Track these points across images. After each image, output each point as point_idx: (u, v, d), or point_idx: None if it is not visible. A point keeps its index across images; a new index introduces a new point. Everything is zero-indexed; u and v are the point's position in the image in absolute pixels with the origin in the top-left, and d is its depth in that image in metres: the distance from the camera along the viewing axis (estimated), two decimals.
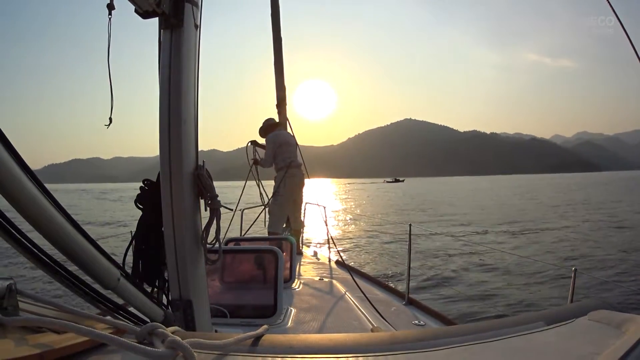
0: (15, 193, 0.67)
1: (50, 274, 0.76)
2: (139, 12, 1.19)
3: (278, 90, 5.34)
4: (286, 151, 4.69)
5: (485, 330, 0.68)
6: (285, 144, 4.75)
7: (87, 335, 0.63)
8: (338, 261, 5.07)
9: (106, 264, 0.89)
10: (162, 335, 0.63)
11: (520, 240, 12.51)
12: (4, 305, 0.74)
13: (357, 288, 3.19)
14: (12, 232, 0.66)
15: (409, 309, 3.33)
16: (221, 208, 1.37)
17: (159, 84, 1.31)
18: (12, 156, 0.66)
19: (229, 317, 2.16)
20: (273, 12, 5.13)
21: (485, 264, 9.02)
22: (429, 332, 0.69)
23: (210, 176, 1.35)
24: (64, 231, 0.78)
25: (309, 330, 2.22)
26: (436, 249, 10.99)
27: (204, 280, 1.36)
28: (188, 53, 1.30)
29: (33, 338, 0.66)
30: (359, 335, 0.69)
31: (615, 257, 9.49)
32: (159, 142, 1.29)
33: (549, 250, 10.74)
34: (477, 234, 14.25)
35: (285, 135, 4.90)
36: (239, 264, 2.77)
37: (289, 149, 4.73)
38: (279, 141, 4.71)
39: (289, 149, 4.74)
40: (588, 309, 0.72)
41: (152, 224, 1.37)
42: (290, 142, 4.82)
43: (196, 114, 1.35)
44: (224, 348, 0.64)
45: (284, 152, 4.68)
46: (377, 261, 10.21)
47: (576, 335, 0.65)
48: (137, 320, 0.99)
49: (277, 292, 2.32)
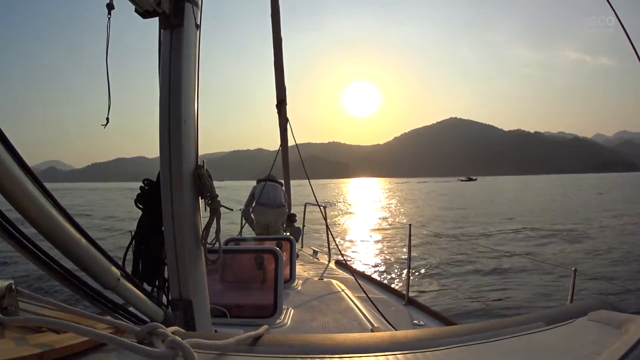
0: (15, 193, 0.67)
1: (50, 273, 0.76)
2: (139, 12, 1.19)
3: (278, 90, 5.32)
4: (258, 193, 5.16)
5: (485, 330, 0.68)
6: (259, 187, 5.22)
7: (87, 335, 0.63)
8: (338, 261, 5.06)
9: (106, 264, 0.89)
10: (162, 335, 0.63)
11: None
12: (4, 305, 0.74)
13: (357, 288, 3.19)
14: (12, 232, 0.66)
15: (409, 309, 3.33)
16: (221, 208, 1.37)
17: (159, 84, 1.30)
18: (12, 156, 0.66)
19: (229, 317, 2.15)
20: (273, 12, 5.11)
21: (485, 264, 9.02)
22: (429, 332, 0.69)
23: (210, 176, 1.35)
24: (63, 231, 0.78)
25: (309, 330, 2.22)
26: (436, 249, 10.99)
27: (204, 280, 1.36)
28: (188, 53, 1.30)
29: (33, 338, 0.66)
30: (359, 335, 0.69)
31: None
32: (159, 142, 1.29)
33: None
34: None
35: (263, 185, 5.28)
36: (239, 263, 2.77)
37: (261, 191, 5.15)
38: (253, 191, 5.29)
39: (262, 190, 5.14)
40: (588, 309, 0.72)
41: (152, 224, 1.37)
42: (268, 187, 5.20)
43: (196, 114, 1.35)
44: (224, 348, 0.64)
45: (257, 194, 5.18)
46: (377, 261, 10.22)
47: (576, 335, 0.65)
48: (137, 320, 0.99)
49: (277, 292, 2.32)
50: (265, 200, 5.07)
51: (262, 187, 5.18)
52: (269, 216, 5.12)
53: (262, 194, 5.11)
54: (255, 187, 5.34)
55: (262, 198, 5.10)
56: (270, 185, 5.25)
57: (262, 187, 5.17)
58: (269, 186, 5.23)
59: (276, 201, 5.16)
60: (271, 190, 5.19)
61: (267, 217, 5.12)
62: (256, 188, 5.31)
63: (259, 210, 5.10)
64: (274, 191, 5.23)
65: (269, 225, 5.15)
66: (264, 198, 5.10)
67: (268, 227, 5.16)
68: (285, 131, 5.28)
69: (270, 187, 5.23)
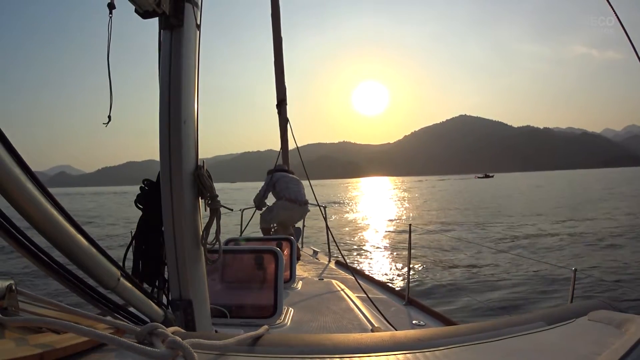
0: (15, 193, 0.67)
1: (51, 274, 0.76)
2: (139, 12, 1.19)
3: (278, 90, 5.32)
4: (283, 187, 4.70)
5: (485, 330, 0.68)
6: (283, 180, 4.75)
7: (87, 335, 0.63)
8: (338, 261, 5.06)
9: (106, 264, 0.89)
10: (162, 335, 0.63)
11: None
12: (4, 306, 0.74)
13: (357, 288, 3.19)
14: (13, 232, 0.66)
15: (409, 309, 3.33)
16: (221, 208, 1.37)
17: (159, 84, 1.31)
18: (12, 156, 0.66)
19: (229, 317, 2.15)
20: (273, 12, 5.12)
21: (485, 263, 9.02)
22: (429, 333, 0.69)
23: (210, 176, 1.35)
24: (63, 231, 0.78)
25: (309, 331, 2.21)
26: (436, 249, 10.99)
27: (204, 281, 1.36)
28: (188, 53, 1.30)
29: (33, 338, 0.66)
30: (359, 336, 0.69)
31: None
32: (159, 142, 1.29)
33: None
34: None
35: (284, 176, 4.86)
36: (239, 264, 2.76)
37: (286, 185, 4.71)
38: (273, 180, 4.76)
39: (287, 185, 4.71)
40: (588, 309, 0.72)
41: (152, 224, 1.37)
42: (289, 180, 4.81)
43: (196, 114, 1.35)
44: (224, 348, 0.64)
45: (281, 187, 4.71)
46: (377, 261, 10.22)
47: (577, 335, 0.65)
48: (137, 321, 0.99)
49: (277, 292, 2.32)
50: (294, 195, 4.62)
51: (287, 180, 4.74)
52: (295, 213, 4.73)
53: (290, 189, 4.68)
54: (273, 177, 4.82)
55: (290, 192, 4.65)
56: (294, 180, 4.84)
57: (287, 181, 4.73)
58: (294, 180, 4.82)
59: (304, 198, 4.75)
60: (297, 185, 4.80)
61: (294, 214, 4.72)
62: (276, 178, 4.79)
63: (286, 205, 4.62)
64: (299, 186, 4.83)
65: (286, 222, 4.77)
66: (292, 193, 4.65)
67: (284, 224, 4.77)
68: (285, 131, 5.27)
69: (295, 181, 4.82)
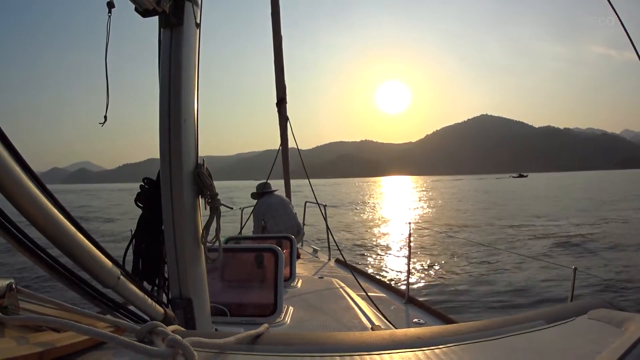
0: (15, 192, 0.67)
1: (50, 272, 0.76)
2: (139, 11, 1.19)
3: (278, 89, 5.31)
4: (272, 224, 4.24)
5: (485, 329, 0.68)
6: (269, 215, 4.27)
7: (87, 333, 0.63)
8: (338, 260, 5.06)
9: (106, 263, 0.89)
10: (162, 334, 0.63)
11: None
12: (4, 304, 0.74)
13: (357, 287, 3.19)
14: (12, 231, 0.66)
15: (409, 308, 3.34)
16: (221, 207, 1.37)
17: (159, 83, 1.30)
18: (12, 156, 0.66)
19: (229, 315, 2.16)
20: (273, 10, 5.11)
21: (485, 262, 9.02)
22: (428, 331, 0.69)
23: (210, 175, 1.35)
24: (63, 230, 0.77)
25: (309, 329, 2.21)
26: (436, 248, 10.99)
27: (204, 279, 1.36)
28: (188, 52, 1.30)
29: (33, 337, 0.66)
30: (359, 334, 0.69)
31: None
32: (159, 141, 1.29)
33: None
34: None
35: (273, 200, 4.41)
36: (239, 262, 2.77)
37: (275, 221, 4.24)
38: (262, 212, 4.30)
39: (275, 221, 4.24)
40: (588, 308, 0.72)
41: (152, 223, 1.37)
42: (274, 210, 4.29)
43: (196, 113, 1.35)
44: (224, 347, 0.64)
45: (270, 225, 4.25)
46: (377, 260, 10.22)
47: (576, 334, 0.65)
48: (137, 319, 0.99)
49: (277, 290, 2.32)
50: (285, 232, 3.97)
51: (273, 210, 4.23)
52: None
53: (278, 225, 4.17)
54: (260, 208, 4.34)
55: (280, 228, 4.13)
56: (280, 206, 4.34)
57: (274, 214, 4.22)
58: (280, 208, 4.32)
59: (296, 228, 4.23)
60: (285, 212, 4.30)
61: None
62: (263, 211, 4.30)
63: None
64: (287, 213, 4.32)
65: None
66: (282, 228, 4.13)
67: None
68: (285, 130, 5.26)
69: (282, 209, 4.32)
